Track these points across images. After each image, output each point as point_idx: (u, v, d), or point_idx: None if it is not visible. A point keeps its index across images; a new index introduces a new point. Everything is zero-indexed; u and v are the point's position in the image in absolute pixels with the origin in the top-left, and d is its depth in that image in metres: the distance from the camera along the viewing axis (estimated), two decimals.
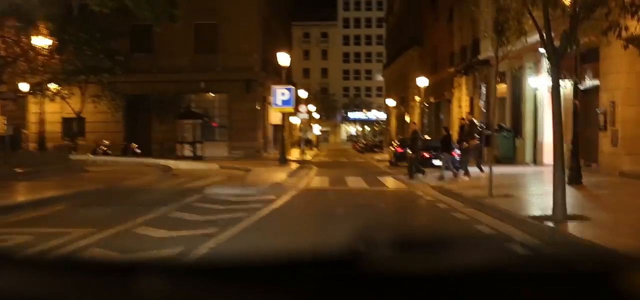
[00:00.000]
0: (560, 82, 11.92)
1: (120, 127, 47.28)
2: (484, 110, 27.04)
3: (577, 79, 19.40)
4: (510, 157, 31.06)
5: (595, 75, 24.07)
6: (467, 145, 23.25)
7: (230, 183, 21.66)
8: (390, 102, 76.68)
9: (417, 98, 48.46)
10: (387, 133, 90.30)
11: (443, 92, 50.07)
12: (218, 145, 47.01)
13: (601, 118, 23.49)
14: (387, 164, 37.70)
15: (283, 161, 33.46)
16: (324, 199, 18.19)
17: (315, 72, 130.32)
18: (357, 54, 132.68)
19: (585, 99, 22.86)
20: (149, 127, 47.55)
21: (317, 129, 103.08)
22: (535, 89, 27.82)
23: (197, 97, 48.51)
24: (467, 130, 23.18)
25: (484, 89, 26.83)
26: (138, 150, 43.87)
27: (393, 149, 37.03)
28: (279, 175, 24.84)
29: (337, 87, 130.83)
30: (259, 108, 49.19)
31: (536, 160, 28.57)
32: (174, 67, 46.80)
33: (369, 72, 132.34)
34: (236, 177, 25.00)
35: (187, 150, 43.91)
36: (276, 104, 32.28)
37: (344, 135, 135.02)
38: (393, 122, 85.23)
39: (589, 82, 24.25)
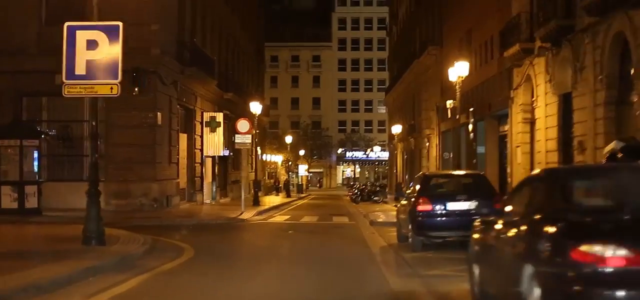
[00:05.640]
0: None
1: None
2: None
3: None
4: None
5: None
6: None
7: None
8: (396, 129, 55.59)
9: (449, 104, 27.17)
10: (392, 175, 69.27)
11: (487, 102, 29.13)
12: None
13: None
14: (395, 235, 16.92)
15: (96, 240, 12.66)
16: None
17: (305, 102, 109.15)
18: (355, 82, 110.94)
19: None
20: None
21: (302, 170, 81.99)
22: None
23: (53, 101, 27.56)
24: None
25: None
26: None
27: (408, 204, 15.17)
28: None
29: (332, 120, 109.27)
30: (160, 122, 27.97)
31: None
32: (9, 49, 26.31)
33: (369, 103, 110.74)
34: None
35: (9, 198, 23.13)
36: (71, 75, 11.49)
37: (340, 178, 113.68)
38: (399, 160, 64.30)
39: None
